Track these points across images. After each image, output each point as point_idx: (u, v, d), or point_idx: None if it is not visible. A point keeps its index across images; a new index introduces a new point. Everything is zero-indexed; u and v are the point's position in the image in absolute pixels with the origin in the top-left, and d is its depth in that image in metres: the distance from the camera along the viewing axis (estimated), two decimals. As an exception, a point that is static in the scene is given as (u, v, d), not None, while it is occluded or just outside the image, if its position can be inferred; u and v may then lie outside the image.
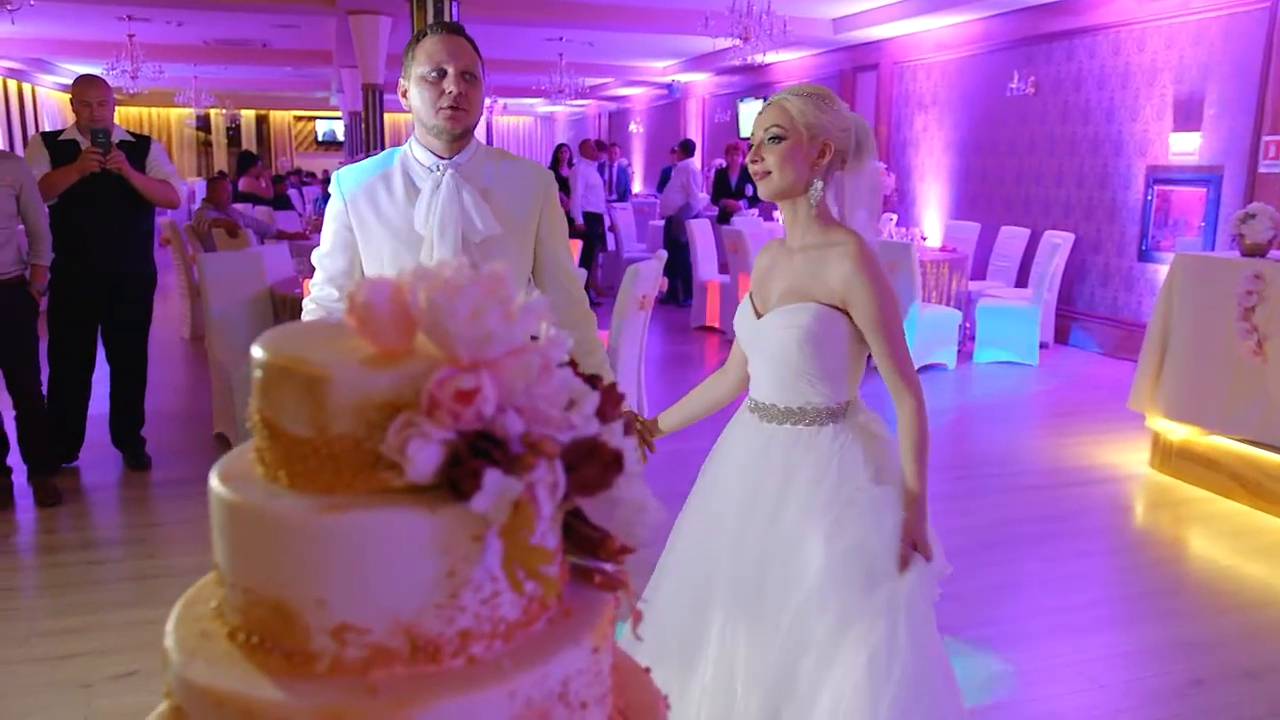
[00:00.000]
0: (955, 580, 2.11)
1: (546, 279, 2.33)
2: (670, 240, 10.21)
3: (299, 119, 25.15)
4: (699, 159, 14.10)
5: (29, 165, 4.36)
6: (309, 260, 2.50)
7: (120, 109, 19.35)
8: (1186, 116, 7.30)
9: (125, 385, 4.85)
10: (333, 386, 0.70)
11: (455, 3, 8.50)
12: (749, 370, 2.11)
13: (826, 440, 1.97)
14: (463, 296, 0.69)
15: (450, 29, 2.15)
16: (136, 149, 4.61)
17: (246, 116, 24.35)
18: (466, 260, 0.74)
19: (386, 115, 11.61)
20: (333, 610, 0.69)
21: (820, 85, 2.07)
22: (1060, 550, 4.02)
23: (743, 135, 13.62)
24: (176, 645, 0.74)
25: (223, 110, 23.10)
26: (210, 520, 0.77)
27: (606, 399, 0.78)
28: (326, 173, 16.91)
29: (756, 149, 1.97)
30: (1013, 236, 8.77)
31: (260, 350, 0.75)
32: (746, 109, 14.54)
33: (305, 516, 0.69)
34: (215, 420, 5.32)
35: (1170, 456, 4.97)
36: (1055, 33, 8.52)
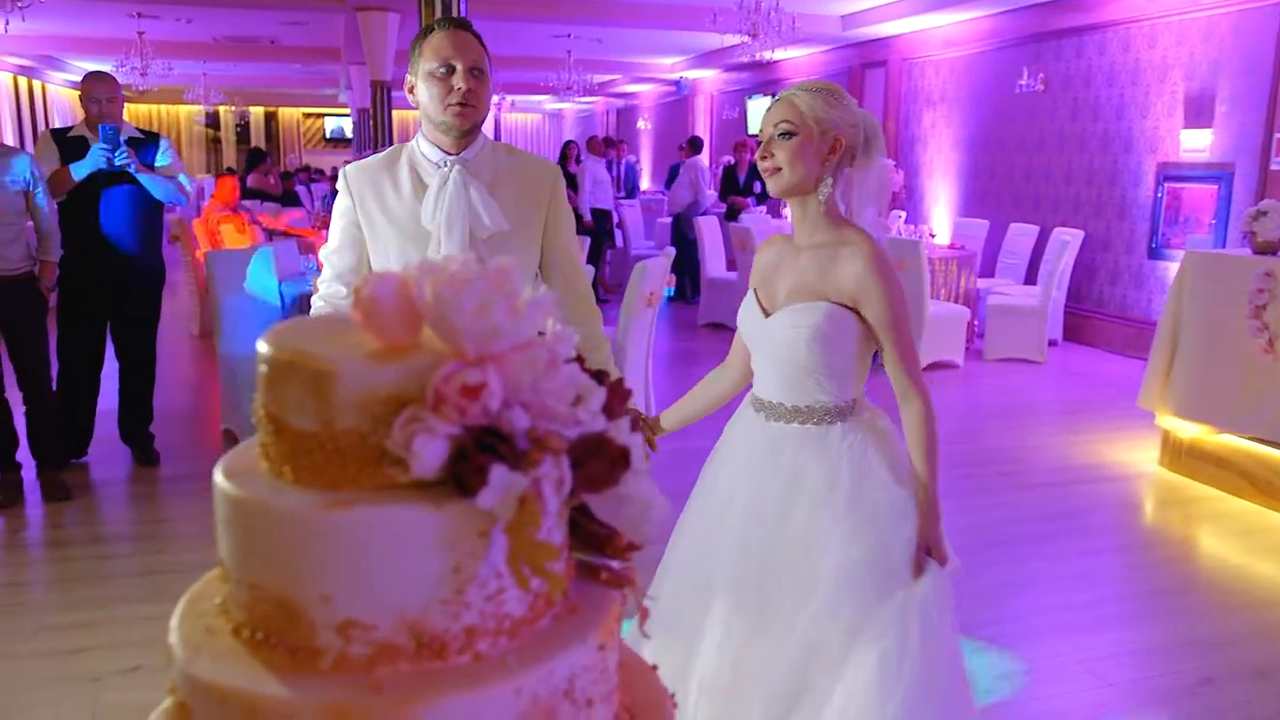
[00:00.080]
0: (963, 578, 2.10)
1: (553, 274, 2.31)
2: (678, 237, 10.20)
3: (307, 116, 25.20)
4: (707, 156, 14.08)
5: (38, 161, 4.38)
6: (316, 256, 2.50)
7: (130, 106, 19.40)
8: (1197, 113, 7.26)
9: (134, 381, 4.87)
10: (338, 381, 0.70)
11: (464, -1, 8.48)
12: (753, 367, 2.09)
13: (836, 439, 1.95)
14: (469, 291, 0.69)
15: (458, 24, 2.15)
16: (145, 145, 4.62)
17: (255, 113, 24.41)
18: (473, 255, 0.74)
19: (395, 112, 11.63)
20: (338, 606, 0.69)
21: (830, 81, 2.05)
22: (1069, 548, 4.00)
23: (751, 132, 13.59)
24: (181, 641, 0.74)
25: (232, 107, 23.16)
26: (216, 516, 0.76)
27: (613, 394, 0.78)
28: (335, 169, 16.93)
29: (766, 145, 1.95)
30: (1021, 234, 8.74)
31: (265, 345, 0.75)
32: (755, 106, 14.51)
33: (310, 512, 0.69)
34: (223, 416, 5.33)
35: (1180, 455, 4.95)
36: (1065, 29, 8.48)
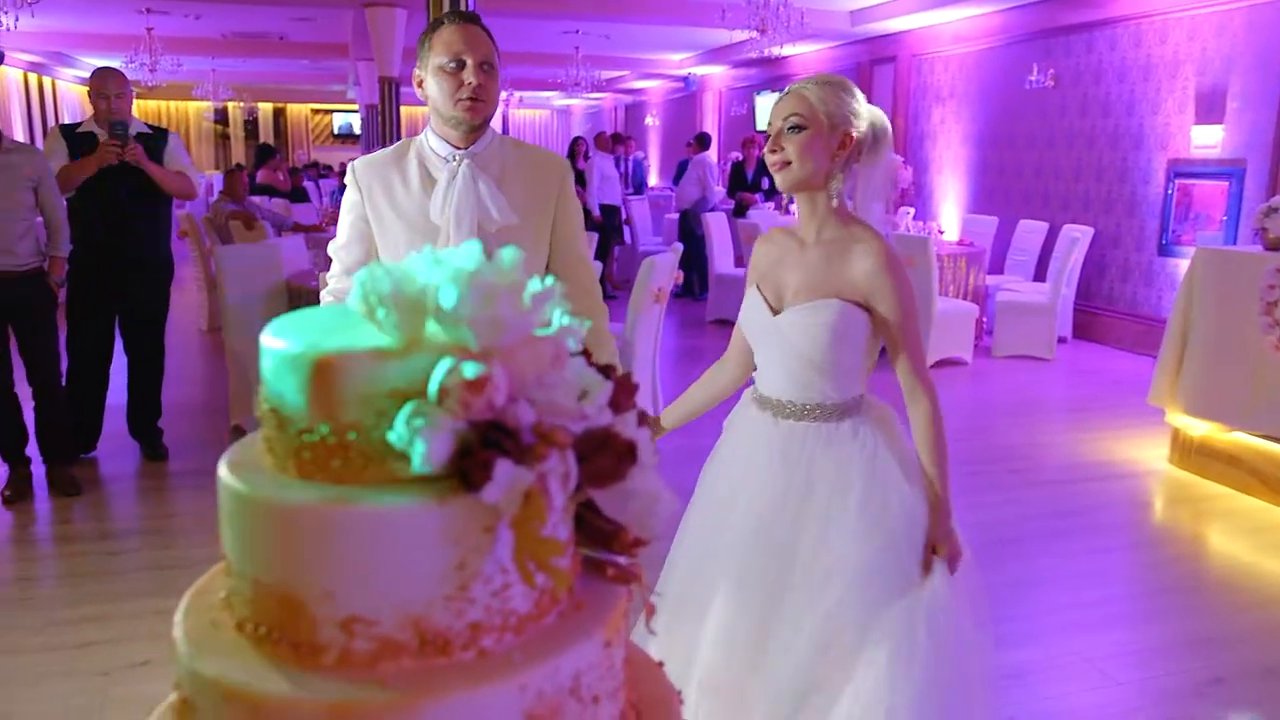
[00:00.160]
0: (971, 575, 2.09)
1: (559, 268, 2.30)
2: (686, 233, 10.19)
3: (316, 112, 25.23)
4: (715, 152, 14.05)
5: (47, 157, 4.39)
6: (324, 252, 2.50)
7: (139, 102, 19.46)
8: (1209, 109, 7.22)
9: (142, 376, 4.88)
10: (342, 375, 0.69)
11: (472, -5, 8.48)
12: (757, 365, 2.06)
13: (846, 437, 1.95)
14: (474, 285, 0.68)
15: (467, 18, 2.13)
16: (154, 141, 4.62)
17: (264, 109, 24.44)
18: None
19: (403, 108, 11.62)
20: (341, 602, 0.68)
21: (839, 75, 2.04)
22: (1078, 546, 3.98)
23: (759, 128, 13.57)
24: (185, 636, 0.73)
25: (240, 103, 23.20)
26: (220, 511, 0.76)
27: (620, 389, 0.77)
28: (343, 165, 16.93)
29: (775, 139, 1.92)
30: (1031, 230, 8.70)
31: (269, 338, 0.74)
32: (763, 102, 14.48)
33: (313, 507, 0.68)
34: (232, 411, 5.33)
35: (1190, 452, 4.93)
36: (1075, 25, 8.43)
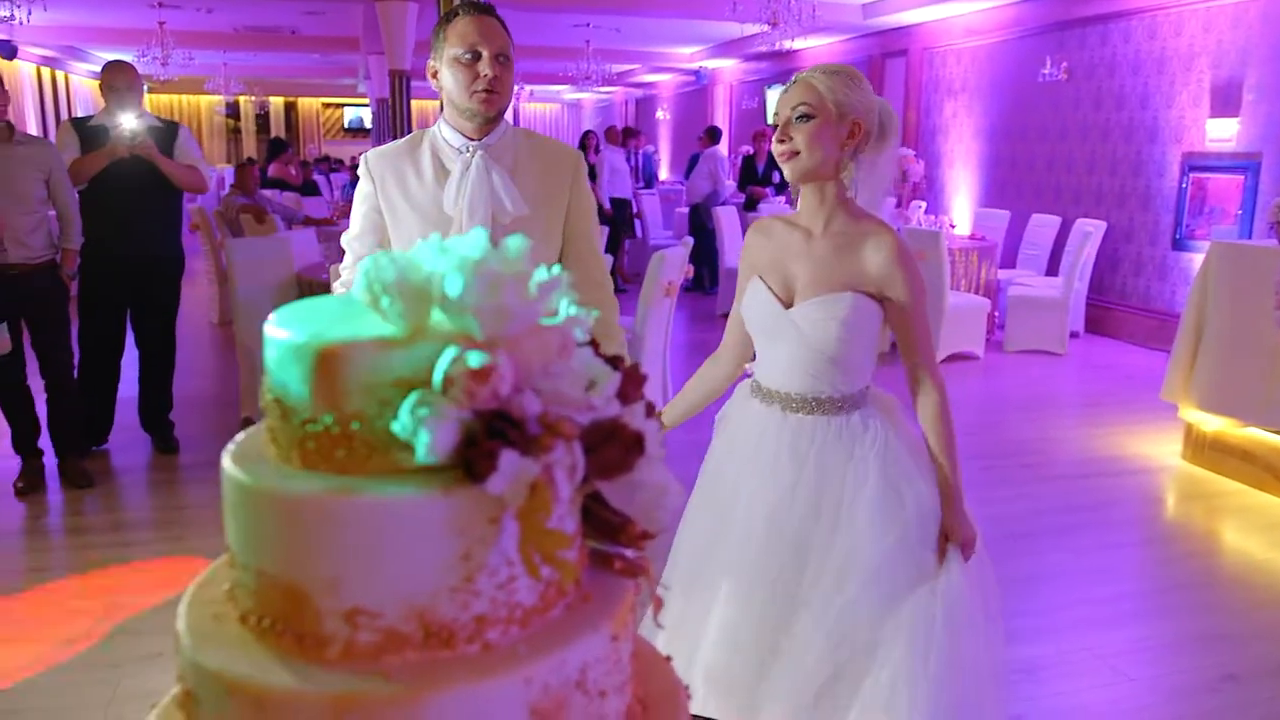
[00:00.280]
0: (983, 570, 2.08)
1: (571, 260, 2.29)
2: (696, 227, 10.17)
3: (327, 106, 25.27)
4: (726, 146, 14.02)
5: (59, 150, 4.40)
6: (336, 245, 2.50)
7: (151, 96, 19.54)
8: (1224, 102, 7.16)
9: (154, 369, 4.89)
10: (346, 364, 0.69)
11: (483, -12, 8.46)
12: (762, 358, 2.04)
13: (858, 429, 1.94)
14: (479, 273, 0.67)
15: (483, 9, 2.13)
16: (164, 134, 4.63)
17: (275, 103, 24.49)
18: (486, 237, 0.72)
19: (414, 102, 11.62)
20: (345, 593, 0.68)
21: (846, 65, 2.02)
22: (1090, 541, 3.96)
23: (770, 122, 13.51)
24: (188, 628, 0.73)
25: (252, 97, 23.22)
26: (224, 502, 0.75)
27: (628, 380, 0.76)
28: (354, 159, 16.98)
29: (783, 129, 1.91)
30: (1043, 224, 8.65)
31: (273, 327, 0.73)
32: (774, 96, 14.43)
33: (317, 497, 0.68)
34: (242, 404, 5.35)
35: (1203, 448, 4.89)
36: (1089, 17, 8.37)
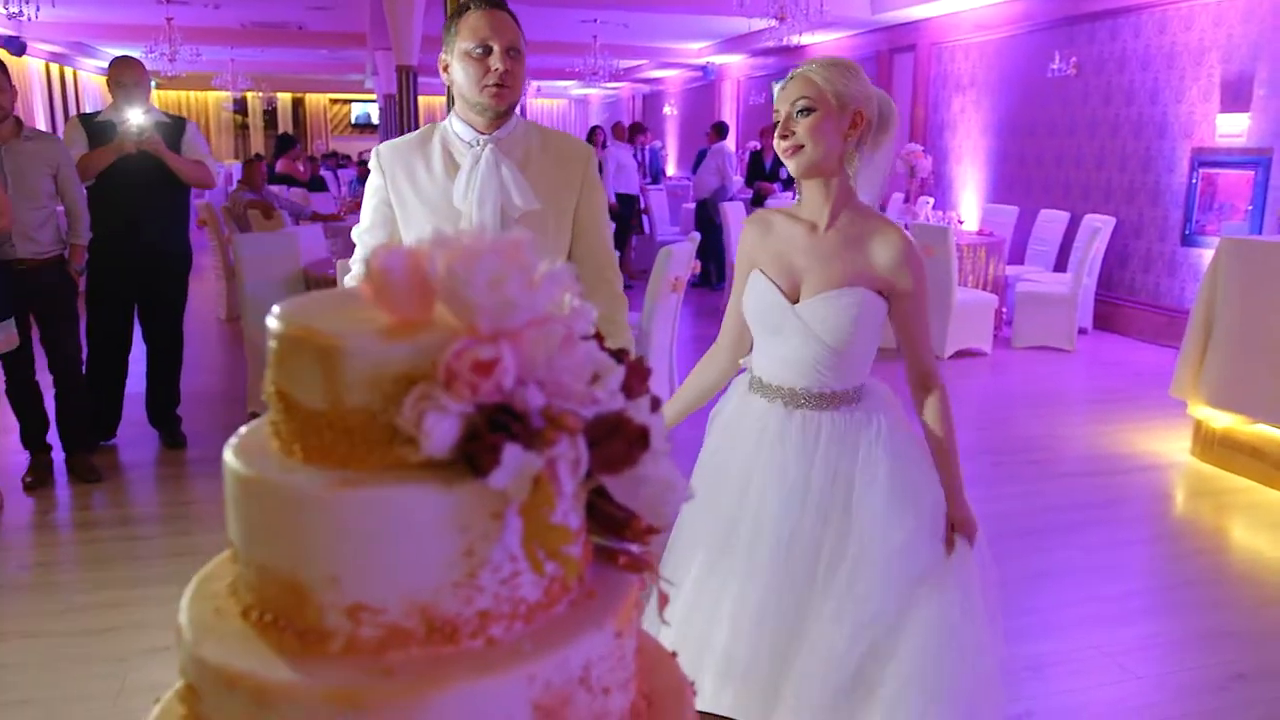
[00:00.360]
0: (989, 568, 2.08)
1: (581, 255, 2.29)
2: (703, 223, 10.15)
3: (334, 102, 25.32)
4: (733, 141, 14.00)
5: (67, 146, 4.41)
6: (343, 241, 2.50)
7: (159, 92, 19.59)
8: (1235, 97, 7.11)
9: (161, 365, 4.90)
10: (347, 357, 0.68)
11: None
12: (763, 352, 2.03)
13: (862, 421, 1.95)
14: (481, 264, 0.66)
15: (494, 3, 2.12)
16: (172, 130, 4.64)
17: (283, 99, 24.54)
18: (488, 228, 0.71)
19: (421, 98, 11.62)
20: (347, 589, 0.67)
21: (843, 57, 2.01)
22: (1098, 539, 3.95)
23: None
24: (189, 623, 0.72)
25: (259, 93, 23.29)
26: (225, 495, 0.75)
27: (633, 374, 0.75)
28: (361, 155, 17.01)
29: (784, 124, 1.89)
30: (1052, 220, 8.62)
31: (275, 320, 0.73)
32: (781, 91, 14.38)
33: (318, 491, 0.67)
34: (249, 399, 5.36)
35: (1213, 445, 4.87)
36: (1098, 12, 8.33)
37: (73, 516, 4.21)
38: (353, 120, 25.45)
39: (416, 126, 11.13)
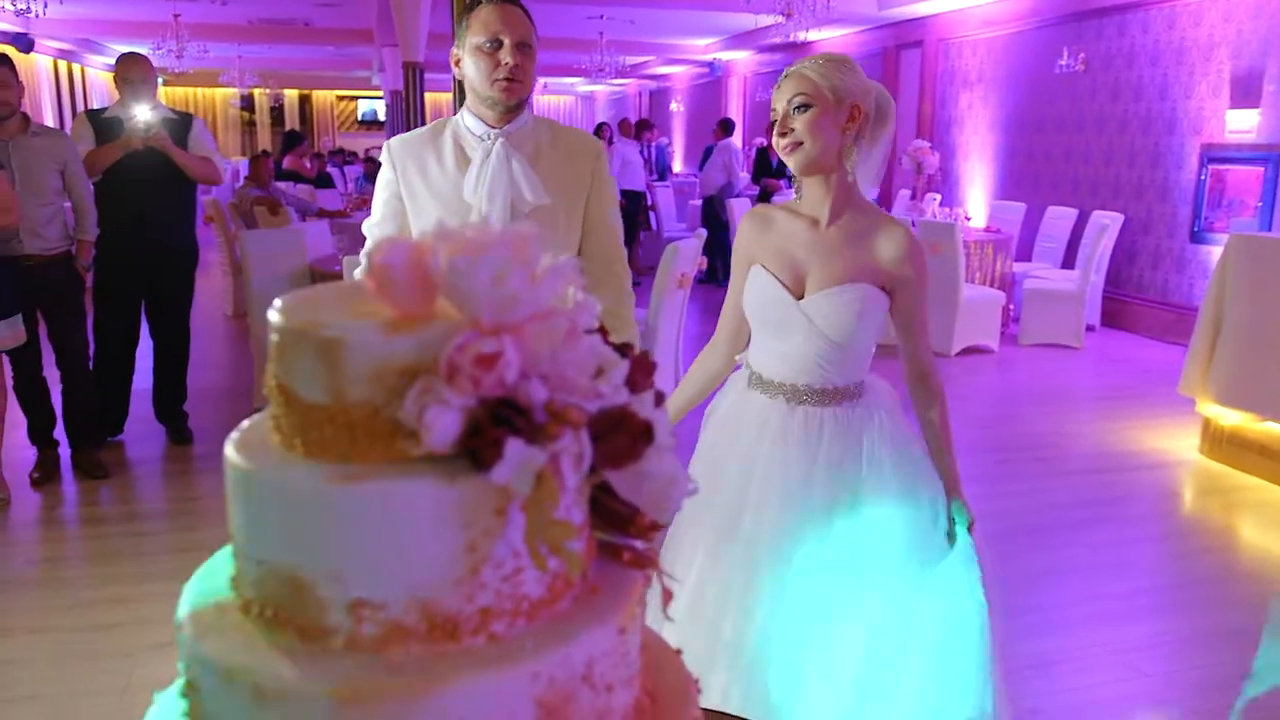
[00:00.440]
0: (997, 565, 2.07)
1: (590, 250, 2.29)
2: (710, 219, 10.14)
3: (341, 99, 25.34)
4: (739, 138, 13.97)
5: (74, 142, 4.41)
6: (349, 237, 2.50)
7: (166, 89, 19.63)
8: (1244, 93, 7.07)
9: (168, 361, 4.91)
10: (348, 351, 0.67)
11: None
12: (764, 348, 2.01)
13: (864, 416, 1.94)
14: (485, 257, 0.66)
15: None
16: (179, 126, 4.64)
17: (290, 96, 24.56)
18: (489, 221, 0.71)
19: (427, 94, 11.62)
20: (348, 584, 0.66)
21: (837, 53, 2.01)
22: (1105, 537, 3.93)
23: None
24: (190, 617, 0.72)
25: (266, 90, 23.31)
26: (226, 490, 0.74)
27: (637, 368, 0.75)
28: (368, 151, 17.03)
29: (782, 121, 1.90)
30: (1059, 217, 8.58)
31: (276, 313, 0.72)
32: (788, 88, 14.35)
33: (319, 485, 0.66)
34: (255, 396, 5.37)
35: (1221, 442, 4.85)
36: (1107, 7, 8.29)
37: (80, 512, 4.22)
38: (359, 117, 25.48)
39: (423, 123, 11.15)
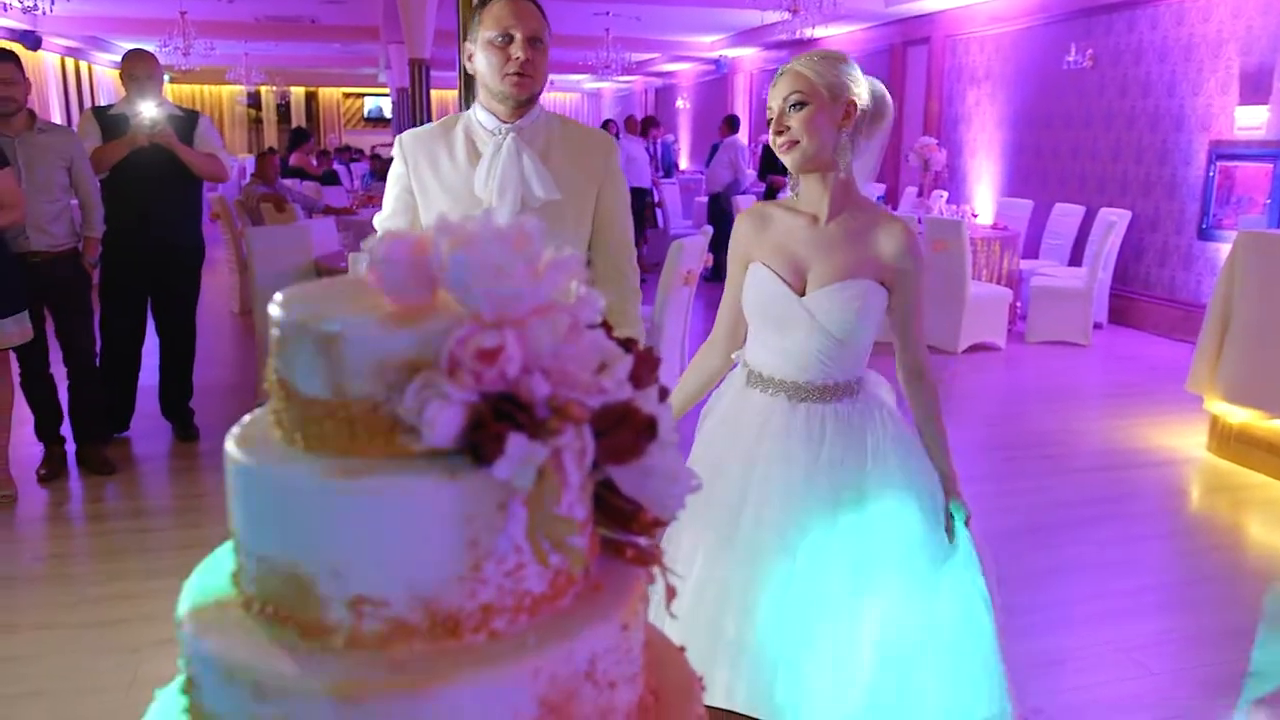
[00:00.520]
0: (1003, 563, 2.07)
1: (600, 246, 2.29)
2: (716, 216, 10.12)
3: (347, 96, 25.36)
4: (745, 135, 13.95)
5: (81, 139, 4.41)
6: (355, 234, 2.50)
7: (173, 86, 19.65)
8: (1253, 89, 7.04)
9: (174, 358, 4.91)
10: (348, 345, 0.67)
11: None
12: (764, 345, 2.00)
13: (863, 412, 1.95)
14: (485, 251, 0.65)
15: None
16: (185, 123, 4.64)
17: (296, 93, 24.59)
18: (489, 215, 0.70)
19: (434, 91, 11.61)
20: (349, 580, 0.66)
21: (831, 49, 2.01)
22: (1112, 534, 3.91)
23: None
24: (190, 614, 0.71)
25: (273, 87, 23.35)
26: (227, 485, 0.74)
27: (640, 363, 0.74)
28: (374, 149, 17.04)
29: (779, 120, 1.90)
30: (1066, 214, 8.55)
31: (276, 308, 0.72)
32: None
33: (319, 481, 0.66)
34: (261, 392, 5.37)
35: (1229, 440, 4.82)
36: (1115, 3, 8.25)
37: (86, 509, 4.23)
38: (365, 114, 25.49)
39: (429, 120, 11.14)
